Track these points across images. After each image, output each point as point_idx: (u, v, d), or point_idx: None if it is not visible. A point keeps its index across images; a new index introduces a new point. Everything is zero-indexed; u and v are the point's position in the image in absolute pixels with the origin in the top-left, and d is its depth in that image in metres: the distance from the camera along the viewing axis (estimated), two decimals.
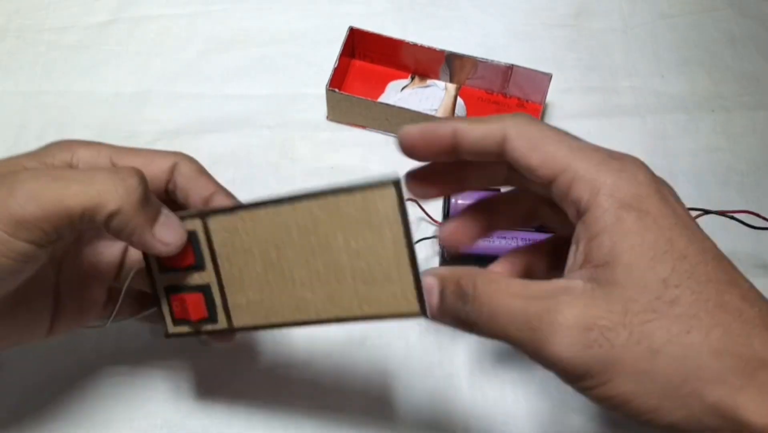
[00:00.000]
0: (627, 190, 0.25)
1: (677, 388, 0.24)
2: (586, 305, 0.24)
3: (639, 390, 0.24)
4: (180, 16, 0.55)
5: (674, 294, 0.24)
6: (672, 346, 0.24)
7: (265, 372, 0.41)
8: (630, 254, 0.25)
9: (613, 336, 0.24)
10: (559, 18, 0.56)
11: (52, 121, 0.49)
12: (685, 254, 0.25)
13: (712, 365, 0.24)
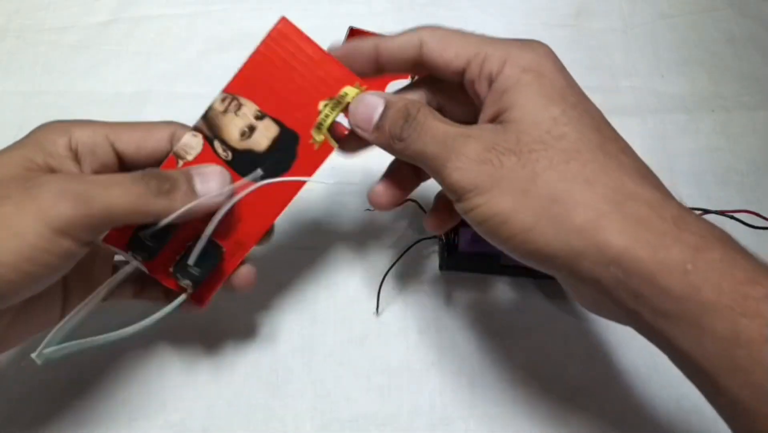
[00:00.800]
0: (529, 58, 0.29)
1: (550, 207, 0.27)
2: (487, 135, 0.29)
3: (517, 207, 0.27)
4: (180, 16, 0.55)
5: (562, 131, 0.28)
6: (551, 171, 0.27)
7: (265, 372, 0.41)
8: (526, 100, 0.28)
9: (504, 159, 0.28)
10: (559, 18, 0.56)
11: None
12: (575, 104, 0.29)
13: (583, 191, 0.27)
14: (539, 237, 0.27)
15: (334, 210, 0.46)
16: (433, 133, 0.30)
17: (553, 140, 0.28)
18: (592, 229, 0.26)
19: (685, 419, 0.40)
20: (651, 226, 0.26)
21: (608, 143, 0.28)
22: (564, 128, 0.28)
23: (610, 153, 0.28)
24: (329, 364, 0.41)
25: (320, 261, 0.44)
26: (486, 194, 0.28)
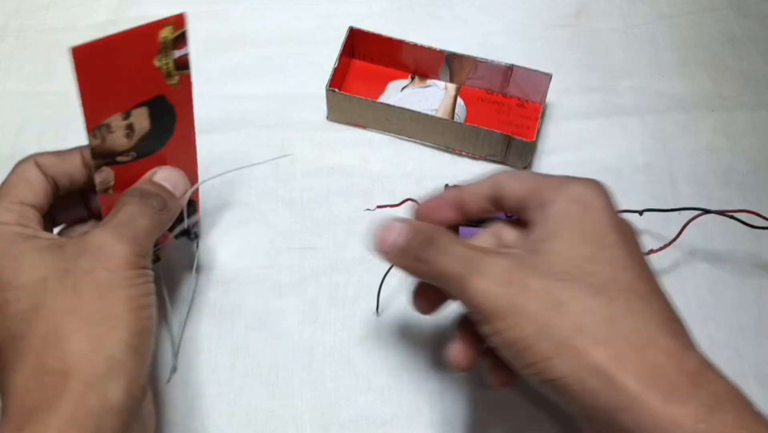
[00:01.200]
0: (580, 191, 0.30)
1: (570, 339, 0.26)
2: (515, 259, 0.29)
3: (539, 335, 0.27)
4: None
5: (593, 269, 0.28)
6: (575, 303, 0.27)
7: (265, 372, 0.41)
8: (564, 233, 0.29)
9: (530, 283, 0.28)
10: (559, 18, 0.56)
11: (52, 121, 0.49)
12: (611, 245, 0.29)
13: (603, 328, 0.27)
14: (557, 369, 0.27)
15: (334, 210, 0.46)
16: (457, 252, 0.30)
17: (582, 276, 0.28)
18: (610, 369, 0.26)
19: None
20: (667, 377, 0.26)
21: (639, 284, 0.28)
22: (595, 267, 0.28)
23: (639, 294, 0.28)
24: (329, 364, 0.41)
25: (320, 261, 0.44)
26: (508, 319, 0.28)
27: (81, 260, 0.30)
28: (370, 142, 0.49)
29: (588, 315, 0.27)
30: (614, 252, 0.29)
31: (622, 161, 0.48)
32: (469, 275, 0.29)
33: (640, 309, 0.27)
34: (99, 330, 0.28)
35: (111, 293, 0.29)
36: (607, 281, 0.28)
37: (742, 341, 0.42)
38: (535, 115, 0.49)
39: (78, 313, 0.29)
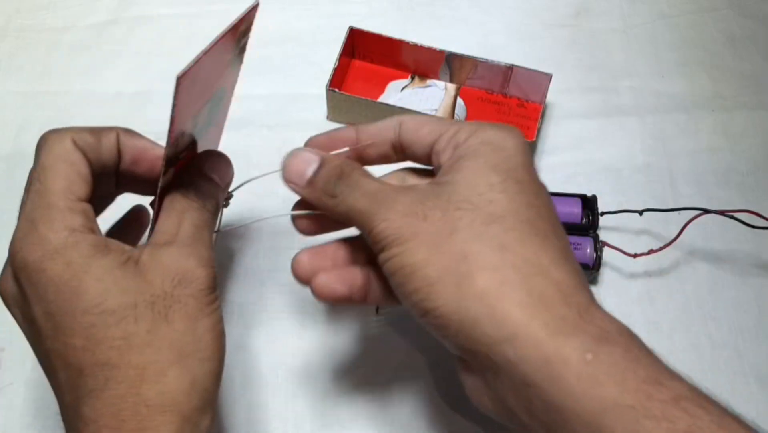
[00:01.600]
0: (493, 134, 0.29)
1: (457, 264, 0.26)
2: (420, 192, 0.29)
3: (428, 260, 0.27)
4: (180, 16, 0.55)
5: (494, 197, 0.27)
6: (469, 229, 0.27)
7: (265, 372, 0.41)
8: (472, 165, 0.28)
9: (429, 213, 0.27)
10: (559, 18, 0.56)
11: (52, 121, 0.49)
12: (520, 180, 0.28)
13: (493, 254, 0.26)
14: (439, 295, 0.26)
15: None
16: (366, 189, 0.30)
17: (483, 203, 0.27)
18: (493, 296, 0.25)
19: None
20: (554, 308, 0.25)
21: (540, 221, 0.28)
22: (497, 195, 0.28)
23: (537, 228, 0.27)
24: (329, 364, 0.41)
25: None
26: (403, 245, 0.27)
27: (167, 285, 0.28)
28: None
29: (479, 242, 0.26)
30: (521, 186, 0.28)
31: (622, 161, 0.48)
32: (377, 209, 0.28)
33: (536, 241, 0.27)
34: (194, 363, 0.28)
35: (199, 322, 0.29)
36: (506, 210, 0.27)
37: (742, 341, 0.42)
38: (535, 115, 0.49)
39: (173, 345, 0.28)
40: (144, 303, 0.28)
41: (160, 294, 0.28)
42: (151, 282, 0.28)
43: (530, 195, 0.28)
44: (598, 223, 0.43)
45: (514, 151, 0.29)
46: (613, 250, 0.42)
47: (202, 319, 0.29)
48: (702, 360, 0.42)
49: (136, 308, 0.28)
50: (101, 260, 0.28)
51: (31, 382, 0.40)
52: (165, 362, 0.27)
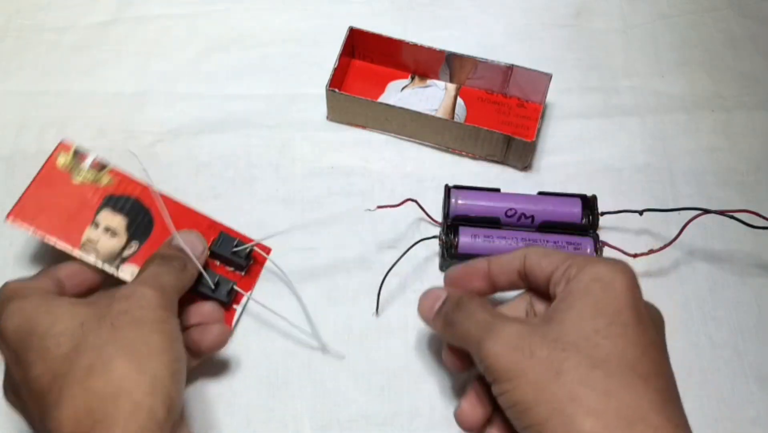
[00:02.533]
0: (604, 270, 0.31)
1: (563, 407, 0.28)
2: (528, 326, 0.31)
3: (537, 400, 0.28)
4: (180, 16, 0.55)
5: (599, 342, 0.29)
6: (574, 373, 0.28)
7: (265, 372, 0.41)
8: (580, 305, 0.30)
9: (536, 350, 0.29)
10: (559, 18, 0.56)
11: (52, 121, 0.49)
12: (625, 323, 0.30)
13: (599, 400, 0.28)
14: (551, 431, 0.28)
15: (334, 210, 0.46)
16: (479, 318, 0.32)
17: (588, 347, 0.29)
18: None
19: None
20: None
21: (643, 362, 0.29)
22: (602, 340, 0.29)
23: (640, 371, 0.29)
24: (329, 364, 0.41)
25: (320, 261, 0.44)
26: (512, 381, 0.29)
27: (114, 305, 0.32)
28: (370, 142, 0.49)
29: (584, 386, 0.28)
30: (626, 329, 0.29)
31: (622, 161, 0.48)
32: (485, 338, 0.31)
33: (639, 384, 0.28)
34: (140, 354, 0.31)
35: (147, 326, 0.32)
36: (610, 354, 0.29)
37: (742, 341, 0.42)
38: (535, 115, 0.49)
39: (118, 342, 0.31)
40: (92, 319, 0.32)
41: (106, 313, 0.32)
42: (98, 306, 0.32)
43: (635, 336, 0.29)
44: (598, 223, 0.43)
45: (622, 290, 0.30)
46: (613, 250, 0.42)
47: (152, 325, 0.32)
48: (702, 360, 0.42)
49: (83, 325, 0.31)
50: (54, 301, 0.33)
51: None
52: (110, 356, 0.30)
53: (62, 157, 0.40)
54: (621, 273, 0.31)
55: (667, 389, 0.29)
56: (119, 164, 0.48)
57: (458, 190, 0.44)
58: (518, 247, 0.41)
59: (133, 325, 0.31)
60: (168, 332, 0.32)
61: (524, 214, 0.43)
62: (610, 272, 0.31)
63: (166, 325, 0.32)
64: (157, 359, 0.31)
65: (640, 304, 0.31)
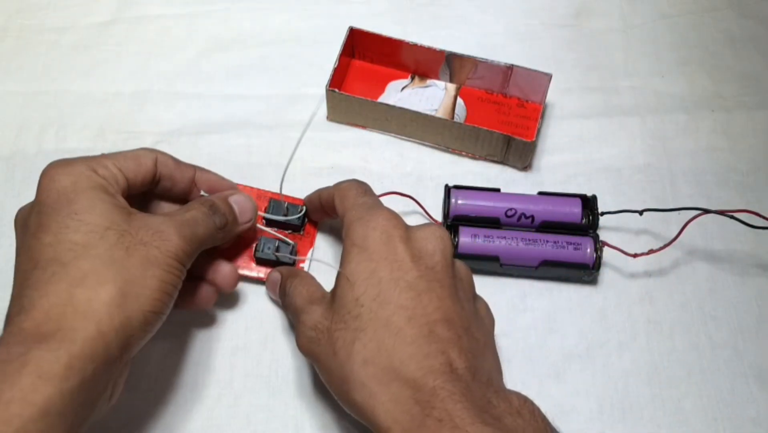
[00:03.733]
0: (361, 233, 0.34)
1: (340, 387, 0.32)
2: (317, 312, 0.34)
3: (329, 380, 0.33)
4: (180, 16, 0.55)
5: (359, 311, 0.32)
6: (343, 351, 0.32)
7: (265, 372, 0.41)
8: (343, 278, 0.33)
9: (322, 337, 0.33)
10: (559, 18, 0.56)
11: (52, 121, 0.49)
12: (380, 280, 0.32)
13: (359, 371, 0.31)
14: (343, 404, 0.33)
15: None
16: (293, 304, 0.37)
17: (351, 320, 0.32)
18: (367, 408, 0.30)
19: (685, 419, 0.40)
20: (406, 408, 0.29)
21: (396, 314, 0.32)
22: (360, 309, 0.32)
23: (393, 326, 0.31)
24: None
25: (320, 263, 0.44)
26: (317, 366, 0.34)
27: (142, 231, 0.33)
28: (370, 142, 0.49)
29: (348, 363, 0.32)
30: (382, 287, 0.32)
31: (622, 161, 0.48)
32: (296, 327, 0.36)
33: (391, 343, 0.31)
34: (130, 292, 0.31)
35: (153, 268, 0.32)
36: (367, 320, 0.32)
37: (742, 341, 0.42)
38: (535, 115, 0.49)
39: (121, 269, 0.31)
40: (115, 231, 0.32)
41: (132, 233, 0.32)
42: (130, 222, 0.33)
43: (392, 291, 0.32)
44: (598, 223, 0.43)
45: (378, 245, 0.34)
46: (613, 250, 0.42)
47: (158, 269, 0.32)
48: (702, 360, 0.42)
49: (107, 230, 0.32)
50: (100, 193, 0.33)
51: None
52: (106, 277, 0.31)
53: None
54: (374, 230, 0.34)
55: (421, 323, 0.31)
56: None
57: (458, 190, 0.44)
58: (518, 247, 0.42)
59: (143, 260, 0.32)
60: (168, 283, 0.33)
61: (524, 215, 0.43)
62: (365, 233, 0.34)
63: (171, 276, 0.33)
64: (142, 305, 0.31)
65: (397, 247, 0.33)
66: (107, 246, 0.31)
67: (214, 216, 0.37)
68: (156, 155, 0.37)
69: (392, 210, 0.35)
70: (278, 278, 0.40)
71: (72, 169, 0.33)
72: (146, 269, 0.32)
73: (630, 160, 0.49)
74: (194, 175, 0.40)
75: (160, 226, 0.34)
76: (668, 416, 0.40)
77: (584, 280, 0.43)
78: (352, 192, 0.38)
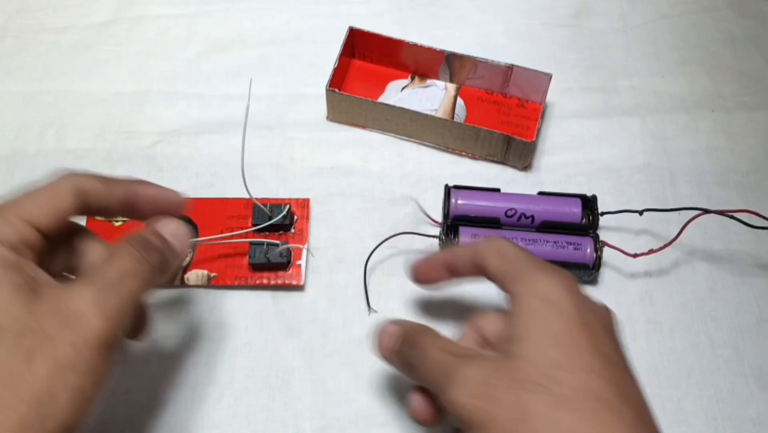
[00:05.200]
0: (549, 290, 0.30)
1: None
2: (487, 367, 0.29)
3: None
4: (180, 16, 0.55)
5: (560, 375, 0.27)
6: (541, 417, 0.27)
7: (265, 372, 0.41)
8: (534, 336, 0.29)
9: (500, 394, 0.28)
10: (559, 18, 0.56)
11: (52, 121, 0.49)
12: (581, 349, 0.28)
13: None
14: None
15: (334, 210, 0.46)
16: (436, 359, 0.31)
17: (552, 384, 0.27)
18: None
19: (685, 419, 0.40)
20: None
21: (608, 391, 0.28)
22: (562, 373, 0.28)
23: (607, 403, 0.27)
24: (329, 364, 0.41)
25: (320, 261, 0.44)
26: (482, 429, 0.28)
27: (48, 321, 0.26)
28: (370, 142, 0.49)
29: (552, 428, 0.27)
30: (584, 357, 0.28)
31: (622, 161, 0.48)
32: (447, 385, 0.29)
33: (606, 419, 0.27)
34: (41, 414, 0.25)
35: (66, 375, 0.26)
36: (574, 389, 0.27)
37: (742, 341, 0.42)
38: (535, 115, 0.49)
39: (22, 387, 0.25)
40: (13, 331, 0.26)
41: (35, 328, 0.26)
42: (35, 311, 0.27)
43: (594, 363, 0.28)
44: (598, 223, 0.43)
45: (570, 311, 0.29)
46: (613, 250, 0.42)
47: (69, 376, 0.26)
48: (702, 360, 0.42)
49: (2, 332, 0.26)
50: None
51: None
52: (5, 402, 0.25)
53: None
54: (565, 289, 0.30)
55: (637, 412, 0.28)
56: (119, 165, 0.48)
57: (458, 190, 0.44)
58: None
59: (49, 367, 0.26)
60: (86, 388, 0.27)
61: (524, 215, 0.43)
62: (556, 289, 0.30)
63: (90, 377, 0.27)
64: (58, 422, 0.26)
65: (589, 317, 0.30)
66: (5, 357, 0.25)
67: (149, 256, 0.30)
68: (75, 182, 0.31)
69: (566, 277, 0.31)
70: (396, 331, 0.34)
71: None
72: (56, 378, 0.26)
73: (630, 160, 0.49)
74: (127, 193, 0.32)
75: (73, 305, 0.27)
76: (668, 416, 0.40)
77: (584, 280, 0.43)
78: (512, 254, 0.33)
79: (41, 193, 0.30)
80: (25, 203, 0.29)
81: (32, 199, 0.30)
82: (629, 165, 0.48)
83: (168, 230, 0.33)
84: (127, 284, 0.29)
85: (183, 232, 0.33)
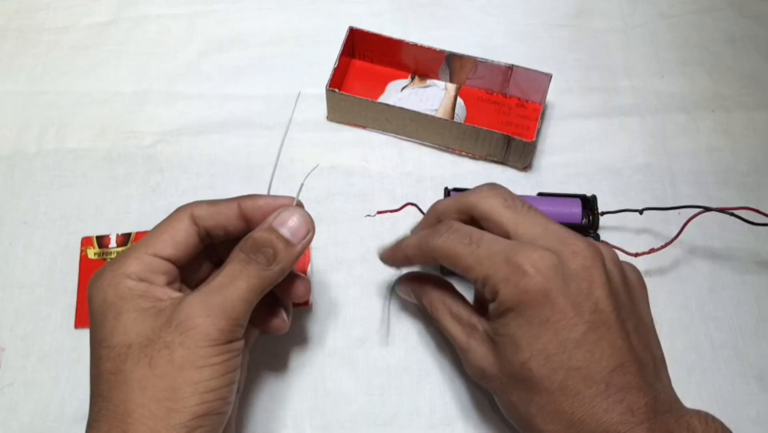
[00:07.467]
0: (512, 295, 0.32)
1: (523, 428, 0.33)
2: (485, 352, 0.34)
3: (509, 414, 0.34)
4: (180, 16, 0.55)
5: (527, 375, 0.31)
6: (521, 406, 0.32)
7: (266, 373, 0.41)
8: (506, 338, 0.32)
9: (494, 379, 0.34)
10: (559, 18, 0.56)
11: (52, 121, 0.49)
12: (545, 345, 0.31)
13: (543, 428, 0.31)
14: None
15: (334, 210, 0.46)
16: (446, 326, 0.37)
17: (521, 382, 0.32)
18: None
19: None
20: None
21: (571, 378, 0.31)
22: (529, 373, 0.31)
23: (569, 390, 0.31)
24: (329, 365, 0.41)
25: (320, 261, 0.44)
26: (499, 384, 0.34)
27: (165, 331, 0.30)
28: (369, 142, 0.49)
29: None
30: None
31: (622, 161, 0.48)
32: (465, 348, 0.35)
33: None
34: (162, 411, 0.29)
35: (181, 373, 0.29)
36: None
37: (742, 341, 0.42)
38: (535, 115, 0.49)
39: (147, 389, 0.29)
40: (138, 345, 0.30)
41: (154, 339, 0.30)
42: (155, 326, 0.30)
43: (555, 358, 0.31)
44: (598, 223, 0.43)
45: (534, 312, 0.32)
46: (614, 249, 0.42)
47: (187, 372, 0.29)
48: (702, 360, 0.42)
49: (130, 348, 0.30)
50: (127, 303, 0.31)
51: (31, 382, 0.40)
52: (134, 405, 0.29)
53: (90, 250, 0.44)
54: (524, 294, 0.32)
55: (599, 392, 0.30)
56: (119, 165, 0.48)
57: (457, 192, 0.44)
58: None
59: (168, 368, 0.29)
60: (204, 381, 0.30)
61: None
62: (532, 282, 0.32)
63: (206, 371, 0.30)
64: (177, 419, 0.29)
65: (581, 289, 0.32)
66: (131, 367, 0.29)
67: (256, 257, 0.32)
68: (189, 210, 0.34)
69: (538, 249, 0.32)
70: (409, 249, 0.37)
71: (102, 282, 0.31)
72: (174, 377, 0.29)
73: (630, 160, 0.49)
74: (238, 210, 0.34)
75: (183, 312, 0.30)
76: None
77: None
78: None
79: (162, 228, 0.33)
80: (150, 240, 0.33)
81: (156, 234, 0.33)
82: (629, 165, 0.48)
83: (280, 220, 0.33)
84: (232, 287, 0.31)
85: (295, 219, 0.34)
